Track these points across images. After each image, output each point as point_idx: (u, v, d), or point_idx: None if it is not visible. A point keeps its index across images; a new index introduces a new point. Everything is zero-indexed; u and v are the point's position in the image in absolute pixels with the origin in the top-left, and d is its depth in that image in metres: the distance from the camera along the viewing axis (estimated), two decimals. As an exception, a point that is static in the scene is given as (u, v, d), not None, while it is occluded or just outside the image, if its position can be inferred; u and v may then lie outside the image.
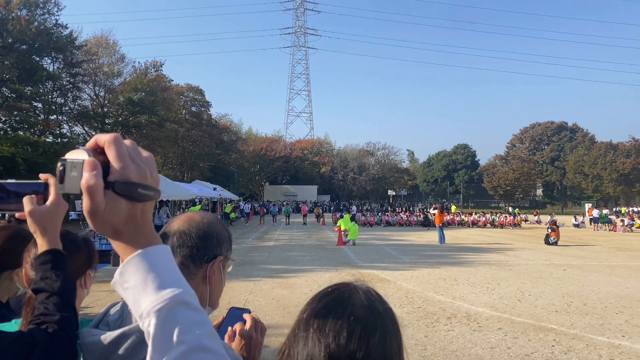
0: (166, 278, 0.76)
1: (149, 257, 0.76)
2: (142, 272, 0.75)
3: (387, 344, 0.95)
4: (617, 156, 68.78)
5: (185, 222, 1.31)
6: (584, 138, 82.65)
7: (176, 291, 0.75)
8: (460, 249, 20.12)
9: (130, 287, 0.75)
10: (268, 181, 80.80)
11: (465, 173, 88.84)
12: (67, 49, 33.28)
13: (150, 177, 0.78)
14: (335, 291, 1.01)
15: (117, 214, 0.74)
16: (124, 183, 0.74)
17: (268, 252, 18.33)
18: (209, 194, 35.13)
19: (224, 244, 1.33)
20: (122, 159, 0.75)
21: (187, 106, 58.26)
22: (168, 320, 0.73)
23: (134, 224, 0.77)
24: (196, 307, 0.78)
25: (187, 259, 1.26)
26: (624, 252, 19.55)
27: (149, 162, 0.81)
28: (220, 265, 1.31)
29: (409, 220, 38.64)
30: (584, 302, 9.49)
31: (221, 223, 1.37)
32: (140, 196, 0.76)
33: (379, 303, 1.00)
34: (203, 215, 1.35)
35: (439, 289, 10.89)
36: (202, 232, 1.29)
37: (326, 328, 0.93)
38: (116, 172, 0.74)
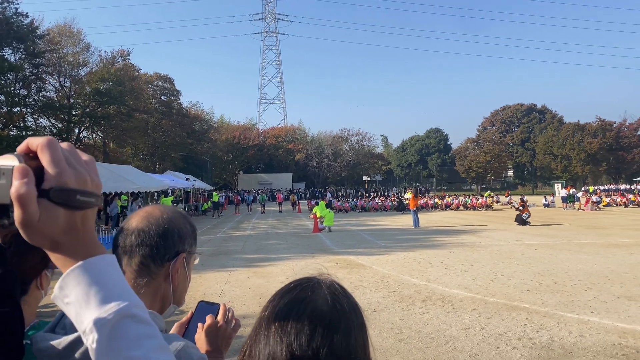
0: (110, 290, 0.70)
1: (91, 268, 0.70)
2: (84, 285, 0.69)
3: (352, 340, 0.91)
4: (584, 136, 70.46)
5: (144, 218, 1.24)
6: (552, 119, 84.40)
7: (122, 304, 0.69)
8: (434, 232, 20.36)
9: (72, 302, 0.69)
10: (242, 170, 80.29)
11: (438, 157, 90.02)
12: (28, 39, 32.18)
13: (90, 182, 0.71)
14: (297, 287, 0.97)
15: (53, 224, 0.67)
16: (61, 190, 0.67)
17: (243, 242, 18.22)
18: (182, 184, 34.72)
19: (186, 239, 1.27)
20: (58, 164, 0.67)
21: (157, 95, 57.21)
22: (113, 335, 0.68)
23: (73, 233, 0.70)
24: (145, 320, 0.72)
25: (147, 259, 1.20)
26: (592, 230, 20.10)
27: (89, 165, 0.73)
28: (183, 262, 1.25)
29: (384, 205, 38.94)
30: (554, 281, 9.70)
31: (183, 217, 1.31)
32: (80, 203, 0.69)
33: (343, 298, 0.96)
34: (163, 209, 1.29)
35: (414, 272, 10.99)
36: (162, 229, 1.22)
37: (288, 326, 0.89)
38: (51, 178, 0.67)
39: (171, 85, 58.68)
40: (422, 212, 32.38)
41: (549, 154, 75.15)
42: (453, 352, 5.71)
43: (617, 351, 5.63)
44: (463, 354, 5.62)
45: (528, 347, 5.80)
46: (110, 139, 44.91)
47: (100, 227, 22.08)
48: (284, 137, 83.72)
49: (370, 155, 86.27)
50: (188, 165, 58.63)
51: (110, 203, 24.28)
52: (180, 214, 1.32)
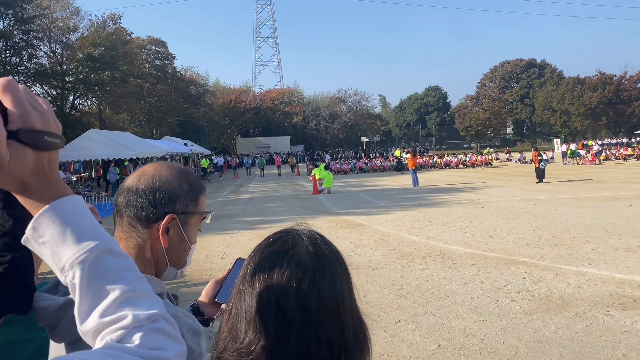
0: (85, 228, 0.72)
1: (64, 207, 0.71)
2: (59, 224, 0.70)
3: (338, 286, 0.92)
4: (584, 91, 69.78)
5: (136, 177, 1.19)
6: (552, 74, 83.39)
7: (99, 239, 0.72)
8: (433, 191, 20.43)
9: (47, 241, 0.70)
10: (240, 134, 79.88)
11: (437, 115, 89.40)
12: (16, 4, 31.46)
13: (53, 122, 0.70)
14: (277, 241, 0.96)
15: (23, 166, 0.67)
16: (29, 131, 0.66)
17: (244, 205, 18.30)
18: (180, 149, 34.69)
19: (179, 199, 1.18)
20: (22, 105, 0.67)
21: (150, 60, 56.33)
22: (94, 269, 0.70)
23: (41, 175, 0.70)
24: (121, 254, 0.75)
25: (133, 220, 1.15)
26: (591, 184, 20.16)
27: (48, 107, 0.71)
28: (177, 223, 1.18)
29: (383, 165, 38.93)
30: (553, 234, 9.79)
31: (181, 175, 1.23)
32: (47, 144, 0.68)
33: (324, 246, 0.96)
34: (158, 167, 1.23)
35: (414, 230, 11.08)
36: (151, 188, 1.16)
37: (273, 279, 0.90)
38: (17, 119, 0.66)
39: (164, 49, 57.70)
40: (421, 171, 32.43)
41: (548, 109, 74.63)
42: (453, 305, 5.80)
43: (614, 300, 5.72)
44: (463, 307, 5.71)
45: (527, 300, 5.89)
46: (106, 105, 44.45)
47: (101, 194, 22.14)
48: (280, 99, 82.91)
49: (368, 115, 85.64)
50: (185, 131, 58.34)
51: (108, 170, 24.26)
52: (178, 171, 1.24)
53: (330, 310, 0.89)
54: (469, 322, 5.27)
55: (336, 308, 0.90)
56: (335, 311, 0.90)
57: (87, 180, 32.74)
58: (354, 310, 0.96)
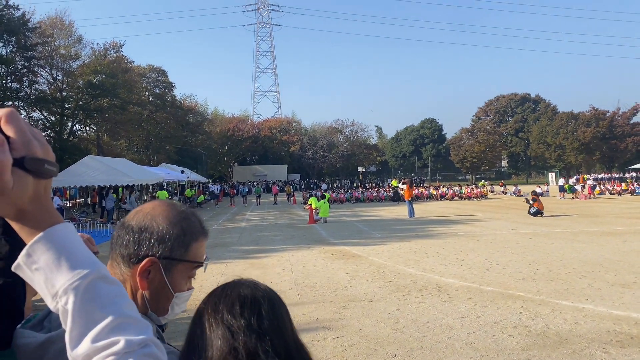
0: (79, 255, 0.74)
1: (58, 235, 0.74)
2: (54, 250, 0.72)
3: (277, 310, 1.07)
4: (578, 126, 70.57)
5: (134, 213, 1.18)
6: (546, 109, 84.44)
7: (92, 267, 0.74)
8: (429, 222, 20.43)
9: (41, 267, 0.72)
10: (237, 162, 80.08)
11: (432, 147, 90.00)
12: (19, 32, 31.88)
13: (51, 152, 0.75)
14: (220, 286, 1.12)
15: (23, 192, 0.70)
16: (32, 159, 0.69)
17: (239, 234, 18.23)
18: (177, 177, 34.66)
19: (164, 243, 1.13)
20: (25, 134, 0.70)
21: (150, 88, 56.89)
22: (88, 295, 0.72)
23: (38, 201, 0.73)
24: (114, 281, 0.77)
25: (117, 257, 1.14)
26: (586, 218, 20.21)
27: (43, 137, 0.76)
28: (159, 268, 1.13)
29: (379, 195, 38.99)
30: (549, 269, 9.77)
31: (179, 218, 1.17)
32: (47, 172, 0.72)
33: (262, 285, 1.13)
34: (157, 206, 1.19)
35: (410, 262, 11.04)
36: (139, 227, 1.13)
37: (220, 312, 1.03)
38: (20, 147, 0.69)
39: (164, 78, 58.33)
40: (417, 202, 32.47)
41: (543, 143, 75.28)
42: (449, 340, 5.76)
43: (611, 338, 5.69)
44: (459, 342, 5.66)
45: (524, 335, 5.86)
46: (104, 132, 44.66)
47: (96, 221, 22.03)
48: (278, 128, 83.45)
49: (364, 146, 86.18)
50: (183, 158, 58.49)
51: (106, 196, 24.19)
52: (176, 214, 1.18)
53: (274, 328, 1.03)
54: (465, 357, 5.22)
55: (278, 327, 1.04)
56: (277, 328, 1.03)
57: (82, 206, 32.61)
58: (293, 330, 1.09)
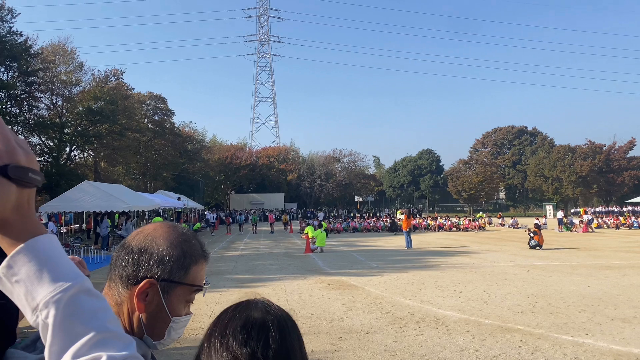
0: (62, 267, 0.73)
1: (41, 246, 0.72)
2: (36, 262, 0.70)
3: (287, 338, 0.97)
4: (575, 159, 71.01)
5: (135, 234, 1.18)
6: (543, 142, 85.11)
7: (74, 279, 0.72)
8: (427, 253, 20.27)
9: (22, 279, 0.70)
10: (234, 190, 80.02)
11: (430, 178, 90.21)
12: (22, 57, 32.19)
13: (35, 161, 0.74)
14: (232, 306, 1.05)
15: (7, 201, 0.69)
16: (17, 167, 0.68)
17: (235, 262, 18.04)
18: (173, 204, 34.53)
19: (163, 265, 1.11)
20: (9, 143, 0.69)
21: (149, 115, 57.23)
22: (69, 309, 0.70)
23: (21, 211, 0.71)
24: (97, 294, 0.75)
25: (116, 278, 1.12)
26: (585, 251, 20.10)
27: (27, 145, 0.74)
28: (157, 291, 1.11)
29: (377, 225, 38.84)
30: (548, 302, 9.64)
31: (180, 240, 1.16)
32: (32, 181, 0.71)
33: (274, 307, 1.04)
34: (159, 228, 1.18)
35: (407, 294, 10.88)
36: (139, 248, 1.12)
37: (226, 336, 0.96)
38: (5, 155, 0.68)
39: (164, 105, 58.77)
40: (415, 233, 32.32)
41: (540, 176, 75.57)
42: (447, 375, 5.60)
43: (613, 374, 5.55)
44: (457, 377, 5.51)
45: (523, 370, 5.71)
46: (102, 157, 44.67)
47: (90, 247, 21.80)
48: (276, 157, 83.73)
49: (362, 175, 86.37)
50: (180, 185, 58.41)
51: (101, 222, 24.01)
52: (177, 236, 1.17)
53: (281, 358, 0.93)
54: (464, 392, 5.07)
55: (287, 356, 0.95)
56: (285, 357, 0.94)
57: (77, 232, 32.37)
58: None
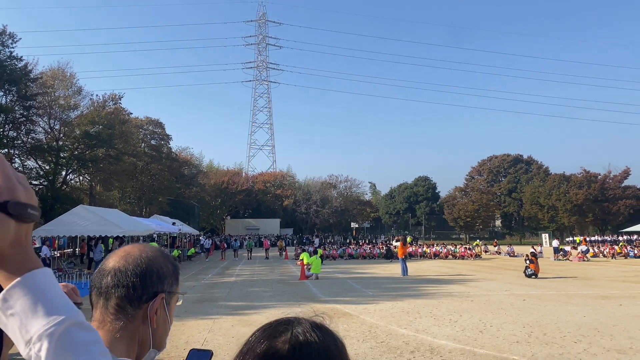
0: (56, 301, 0.75)
1: (36, 280, 0.74)
2: (31, 296, 0.73)
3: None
4: (570, 187, 71.30)
5: (122, 258, 1.21)
6: (538, 170, 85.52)
7: (68, 313, 0.75)
8: (422, 281, 20.16)
9: (17, 312, 0.72)
10: (229, 215, 79.72)
11: (426, 205, 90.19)
12: (21, 82, 32.41)
13: (34, 196, 0.77)
14: (261, 327, 0.95)
15: (6, 236, 0.72)
16: (17, 203, 0.71)
17: (229, 288, 17.87)
18: (168, 228, 34.34)
19: (166, 279, 1.22)
20: (10, 179, 0.72)
21: (147, 139, 57.35)
22: (62, 342, 0.72)
23: (19, 246, 0.74)
24: (89, 327, 0.77)
25: (123, 301, 1.15)
26: (580, 281, 20.03)
27: (27, 182, 0.78)
28: (163, 303, 1.20)
29: (372, 252, 38.65)
30: (543, 332, 9.57)
31: (164, 256, 1.27)
32: (30, 216, 0.74)
33: (311, 343, 0.90)
34: (142, 248, 1.25)
35: (402, 322, 10.79)
36: (140, 268, 1.18)
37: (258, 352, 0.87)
38: (5, 192, 0.71)
39: (161, 130, 58.94)
40: (411, 260, 32.16)
41: (536, 204, 75.71)
42: (442, 406, 5.53)
43: (609, 407, 5.48)
44: (452, 409, 5.43)
45: (519, 402, 5.64)
46: (98, 182, 44.60)
47: (83, 272, 21.59)
48: (272, 182, 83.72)
49: (358, 202, 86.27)
50: (175, 210, 58.14)
51: (95, 247, 23.83)
52: (161, 252, 1.28)
53: None
54: None
55: None
56: None
57: (70, 256, 32.08)
58: None
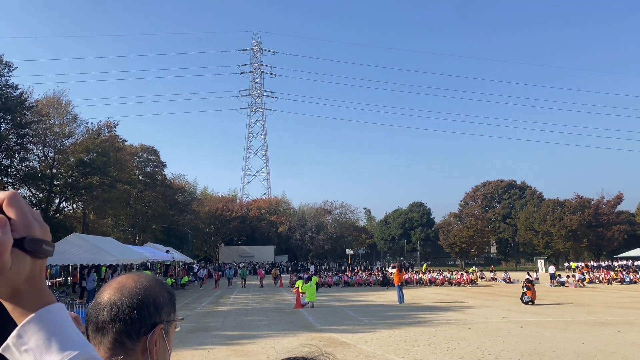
0: (69, 336, 0.76)
1: (50, 315, 0.75)
2: (45, 332, 0.74)
3: None
4: (564, 213, 71.43)
5: (117, 290, 1.18)
6: (532, 195, 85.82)
7: (81, 348, 0.75)
8: (419, 309, 19.97)
9: (31, 348, 0.73)
10: (224, 242, 79.14)
11: (421, 231, 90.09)
12: (16, 110, 32.43)
13: (49, 232, 0.78)
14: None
15: (20, 272, 0.73)
16: (32, 240, 0.73)
17: (223, 318, 17.62)
18: (162, 256, 34.05)
19: (163, 308, 1.20)
20: (25, 216, 0.74)
21: (141, 167, 57.30)
22: None
23: (33, 281, 0.75)
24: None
25: (121, 335, 1.12)
26: (578, 307, 19.91)
27: (41, 218, 0.79)
28: (162, 333, 1.17)
29: (368, 280, 38.34)
30: (543, 360, 9.45)
31: (159, 284, 1.25)
32: (45, 252, 0.75)
33: None
34: (137, 278, 1.23)
35: (400, 351, 10.64)
36: (136, 301, 1.15)
37: None
38: (21, 229, 0.72)
39: (156, 157, 58.96)
40: (407, 287, 31.90)
41: (531, 229, 75.69)
42: None
43: None
44: None
45: None
46: (91, 209, 44.28)
47: (75, 301, 21.25)
48: (267, 208, 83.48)
49: (353, 228, 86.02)
50: (169, 237, 57.74)
51: (87, 275, 23.51)
52: (156, 281, 1.26)
53: None
54: None
55: None
56: None
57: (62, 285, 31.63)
58: None
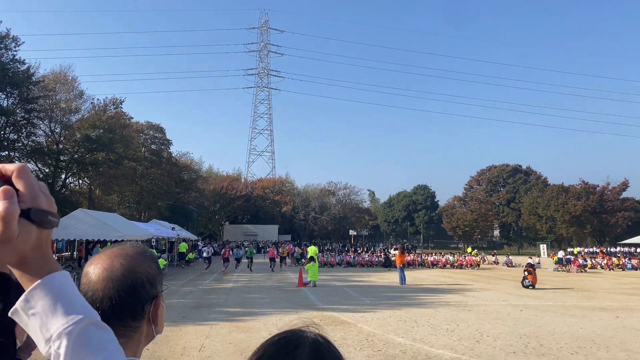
0: (74, 301, 0.81)
1: (56, 282, 0.80)
2: (51, 297, 0.79)
3: None
4: (568, 198, 71.28)
5: (108, 280, 1.15)
6: (537, 180, 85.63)
7: (85, 312, 0.81)
8: (420, 290, 20.16)
9: (38, 312, 0.78)
10: (228, 220, 79.63)
11: (425, 213, 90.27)
12: (23, 85, 32.43)
13: (54, 204, 0.83)
14: (281, 340, 0.94)
15: (27, 241, 0.77)
16: (38, 210, 0.77)
17: (226, 294, 17.86)
18: (167, 233, 34.32)
19: (156, 279, 1.22)
20: (33, 188, 0.78)
21: (147, 144, 57.40)
22: (80, 340, 0.78)
23: (40, 250, 0.80)
24: (105, 327, 0.83)
25: (126, 321, 1.14)
26: (578, 292, 20.04)
27: (48, 190, 0.85)
28: (159, 300, 1.22)
29: (370, 260, 38.61)
30: (540, 343, 9.58)
31: (144, 256, 1.23)
32: (50, 222, 0.80)
33: (327, 352, 0.94)
34: (123, 260, 1.19)
35: (400, 331, 10.80)
36: (129, 286, 1.15)
37: None
38: (28, 200, 0.77)
39: (162, 135, 59.02)
40: (409, 269, 32.14)
41: (534, 214, 75.70)
42: (438, 416, 5.55)
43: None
44: (448, 419, 5.45)
45: (514, 413, 5.66)
46: (97, 185, 44.57)
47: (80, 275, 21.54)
48: (271, 188, 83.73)
49: (357, 209, 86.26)
50: (174, 215, 58.10)
51: (93, 250, 23.81)
52: (141, 253, 1.24)
53: None
54: None
55: None
56: None
57: (68, 260, 32.02)
58: None
